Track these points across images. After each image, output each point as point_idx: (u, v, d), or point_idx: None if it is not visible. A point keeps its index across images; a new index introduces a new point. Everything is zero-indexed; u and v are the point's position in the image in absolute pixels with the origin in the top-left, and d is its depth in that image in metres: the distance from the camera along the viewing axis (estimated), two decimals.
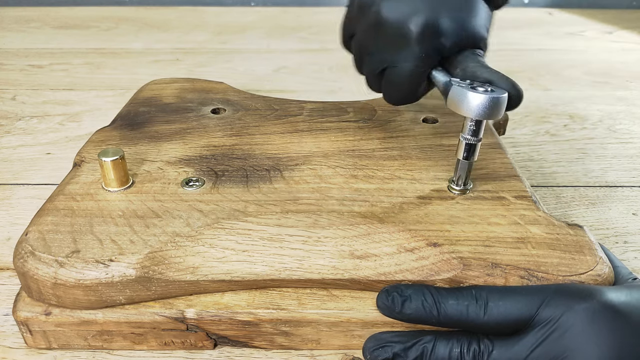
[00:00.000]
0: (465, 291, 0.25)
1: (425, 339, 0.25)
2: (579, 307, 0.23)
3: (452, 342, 0.25)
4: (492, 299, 0.25)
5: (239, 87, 0.50)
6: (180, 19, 0.97)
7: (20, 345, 0.29)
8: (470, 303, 0.25)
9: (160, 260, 0.27)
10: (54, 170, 0.46)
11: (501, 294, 0.25)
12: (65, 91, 0.63)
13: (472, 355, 0.25)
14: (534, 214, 0.31)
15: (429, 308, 0.25)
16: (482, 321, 0.25)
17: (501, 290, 0.25)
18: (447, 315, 0.25)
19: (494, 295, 0.25)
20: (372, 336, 0.27)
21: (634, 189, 0.44)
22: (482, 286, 0.26)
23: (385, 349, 0.26)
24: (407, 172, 0.35)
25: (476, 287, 0.26)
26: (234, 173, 0.34)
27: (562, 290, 0.25)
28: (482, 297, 0.25)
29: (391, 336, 0.26)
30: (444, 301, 0.25)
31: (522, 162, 0.48)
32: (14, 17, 0.96)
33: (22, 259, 0.27)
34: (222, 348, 0.29)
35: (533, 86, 0.67)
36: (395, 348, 0.26)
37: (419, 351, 0.25)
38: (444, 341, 0.25)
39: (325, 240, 0.29)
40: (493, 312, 0.25)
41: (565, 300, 0.24)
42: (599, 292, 0.24)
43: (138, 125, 0.40)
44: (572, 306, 0.24)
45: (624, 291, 0.24)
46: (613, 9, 1.07)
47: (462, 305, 0.25)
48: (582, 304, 0.24)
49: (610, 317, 0.23)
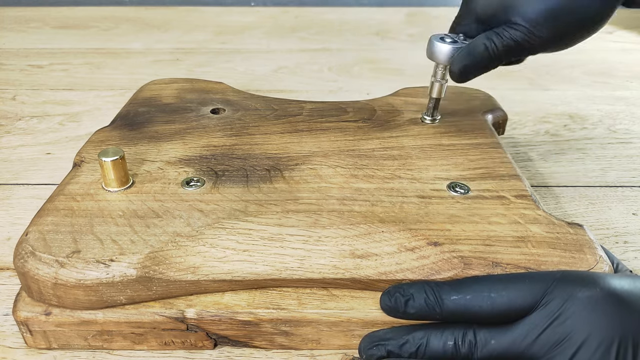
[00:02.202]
0: (467, 284, 0.25)
1: (418, 334, 0.25)
2: (582, 295, 0.23)
3: (445, 334, 0.25)
4: (496, 289, 0.25)
5: (239, 87, 0.50)
6: (180, 19, 0.97)
7: (20, 345, 0.29)
8: (473, 296, 0.25)
9: (160, 260, 0.27)
10: (54, 170, 0.46)
11: (504, 284, 0.25)
12: (65, 91, 0.63)
13: (468, 346, 0.25)
14: (534, 213, 0.31)
15: (432, 305, 0.25)
16: (486, 313, 0.24)
17: (503, 279, 0.25)
18: (450, 311, 0.25)
19: (497, 286, 0.25)
20: (367, 335, 0.27)
21: (634, 189, 0.44)
22: (484, 277, 0.26)
23: (379, 348, 0.26)
24: (407, 172, 0.35)
25: (478, 278, 0.26)
26: (234, 173, 0.34)
27: (565, 277, 0.24)
28: (485, 289, 0.25)
29: (384, 333, 0.26)
30: (446, 297, 0.25)
31: (522, 162, 0.48)
32: (14, 17, 0.96)
33: (22, 259, 0.27)
34: (222, 348, 0.29)
35: (533, 86, 0.67)
36: (389, 345, 0.26)
37: (414, 347, 0.25)
38: (438, 335, 0.25)
39: (325, 239, 0.29)
40: (497, 303, 0.24)
41: (568, 287, 0.24)
42: (602, 280, 0.24)
43: (138, 126, 0.40)
44: (575, 294, 0.23)
45: (627, 279, 0.24)
46: None
47: (465, 299, 0.25)
48: (585, 291, 0.23)
49: (613, 304, 0.23)
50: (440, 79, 0.39)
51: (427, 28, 0.93)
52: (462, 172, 0.35)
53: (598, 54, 0.79)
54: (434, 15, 1.03)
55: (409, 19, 0.99)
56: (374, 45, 0.83)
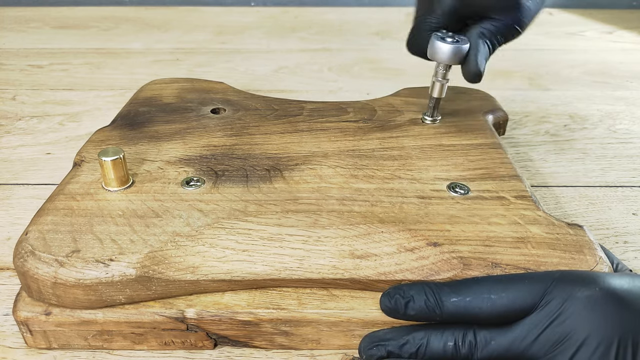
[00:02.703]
0: (467, 285, 0.25)
1: (418, 335, 0.25)
2: (581, 295, 0.23)
3: (445, 335, 0.25)
4: (495, 291, 0.25)
5: (239, 87, 0.50)
6: (180, 19, 0.97)
7: (20, 345, 0.29)
8: (473, 298, 0.25)
9: (160, 260, 0.27)
10: (54, 170, 0.46)
11: (504, 285, 0.25)
12: (65, 91, 0.63)
13: (468, 347, 0.25)
14: (534, 214, 0.31)
15: (432, 307, 0.25)
16: (486, 314, 0.24)
17: (503, 280, 0.25)
18: (450, 313, 0.25)
19: (496, 287, 0.25)
20: (367, 335, 0.27)
21: (634, 189, 0.44)
22: (483, 278, 0.26)
23: (379, 348, 0.26)
24: (407, 172, 0.35)
25: (477, 279, 0.26)
26: (234, 173, 0.34)
27: (565, 277, 0.25)
28: (484, 291, 0.25)
29: (384, 333, 0.26)
30: (446, 299, 0.25)
31: (522, 162, 0.48)
32: (14, 17, 0.96)
33: (22, 258, 0.27)
34: (222, 348, 0.29)
35: (533, 86, 0.67)
36: (389, 346, 0.26)
37: (414, 347, 0.25)
38: (438, 335, 0.25)
39: (325, 240, 0.29)
40: (497, 304, 0.24)
41: (567, 287, 0.24)
42: (601, 279, 0.24)
43: (138, 125, 0.40)
44: (574, 293, 0.23)
45: (627, 278, 0.24)
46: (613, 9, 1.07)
47: (465, 301, 0.25)
48: (585, 291, 0.23)
49: (613, 304, 0.23)
50: (441, 78, 0.39)
51: None
52: (462, 173, 0.35)
53: (598, 54, 0.79)
54: None
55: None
56: (374, 45, 0.83)
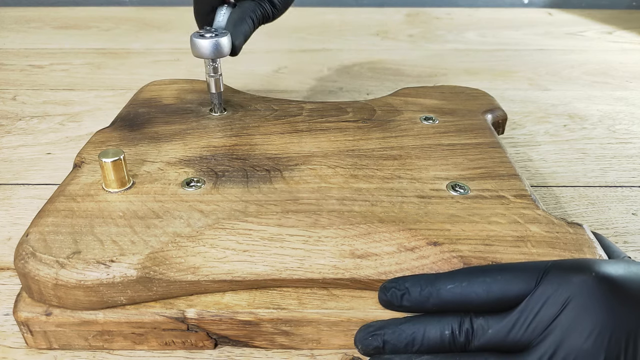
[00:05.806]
0: (463, 272, 0.26)
1: (415, 324, 0.25)
2: (576, 280, 0.23)
3: (442, 324, 0.25)
4: (491, 274, 0.25)
5: (239, 87, 0.50)
6: (180, 19, 0.97)
7: (21, 345, 0.29)
8: (469, 282, 0.25)
9: (161, 261, 0.28)
10: (55, 170, 0.46)
11: (499, 270, 0.25)
12: (66, 91, 0.64)
13: (465, 335, 0.25)
14: (534, 213, 0.31)
15: (427, 296, 0.25)
16: (482, 300, 0.24)
17: (499, 267, 0.25)
18: (447, 300, 0.25)
19: (492, 273, 0.25)
20: (363, 326, 0.27)
21: (634, 189, 0.44)
22: (479, 266, 0.26)
23: (375, 337, 0.26)
24: (407, 172, 0.35)
25: (474, 267, 0.26)
26: (234, 173, 0.35)
27: (560, 263, 0.25)
28: (479, 275, 0.25)
29: (381, 323, 0.26)
30: (442, 286, 0.25)
31: (522, 162, 0.48)
32: (14, 17, 0.96)
33: (23, 260, 0.27)
34: (222, 348, 0.29)
35: (532, 86, 0.67)
36: (386, 335, 0.26)
37: (411, 336, 0.25)
38: (435, 324, 0.25)
39: (325, 239, 0.29)
40: (492, 288, 0.24)
41: (563, 272, 0.24)
42: (596, 265, 0.24)
43: (138, 126, 0.41)
44: (569, 279, 0.24)
45: (622, 265, 0.24)
46: (613, 9, 1.07)
47: (461, 286, 0.25)
48: (580, 276, 0.23)
49: (607, 289, 0.23)
50: (213, 73, 0.40)
51: (427, 28, 0.93)
52: (462, 172, 0.35)
53: (598, 54, 0.79)
54: (434, 15, 1.03)
55: (408, 19, 0.99)
56: (374, 45, 0.83)
